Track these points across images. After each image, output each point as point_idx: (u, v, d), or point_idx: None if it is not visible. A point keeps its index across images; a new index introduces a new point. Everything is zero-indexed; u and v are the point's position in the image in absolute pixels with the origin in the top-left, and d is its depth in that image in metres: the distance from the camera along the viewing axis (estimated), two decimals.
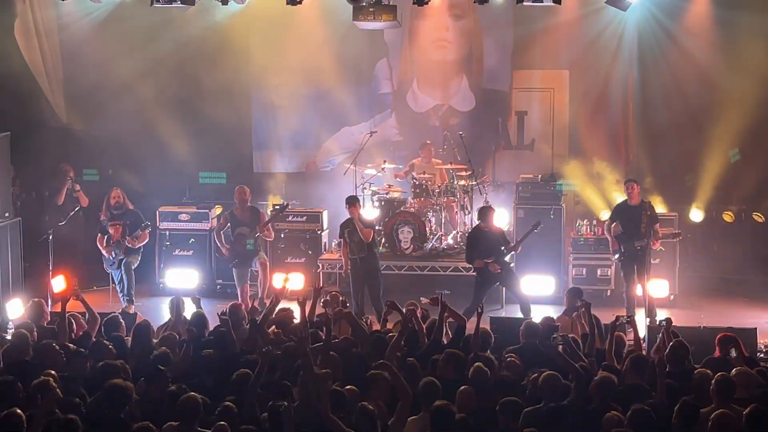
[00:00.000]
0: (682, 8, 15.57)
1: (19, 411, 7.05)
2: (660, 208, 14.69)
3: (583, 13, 15.81)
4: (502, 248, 13.00)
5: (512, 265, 13.77)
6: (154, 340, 9.76)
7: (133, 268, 14.01)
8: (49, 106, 16.20)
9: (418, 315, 10.05)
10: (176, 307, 10.59)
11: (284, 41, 16.39)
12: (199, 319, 10.21)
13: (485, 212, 13.22)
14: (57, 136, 16.11)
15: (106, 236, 14.00)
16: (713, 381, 7.85)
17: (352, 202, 13.57)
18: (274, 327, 9.97)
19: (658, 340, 9.68)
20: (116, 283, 14.07)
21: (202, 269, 15.32)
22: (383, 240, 14.94)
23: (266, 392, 7.89)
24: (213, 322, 10.50)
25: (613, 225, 13.53)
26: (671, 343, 9.07)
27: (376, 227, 14.42)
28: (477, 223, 13.51)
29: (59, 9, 15.72)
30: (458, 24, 16.57)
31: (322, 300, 11.32)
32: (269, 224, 14.26)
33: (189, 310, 10.85)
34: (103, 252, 14.04)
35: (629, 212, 13.36)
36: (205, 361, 8.94)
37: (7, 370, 8.61)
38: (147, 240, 14.26)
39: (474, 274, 13.34)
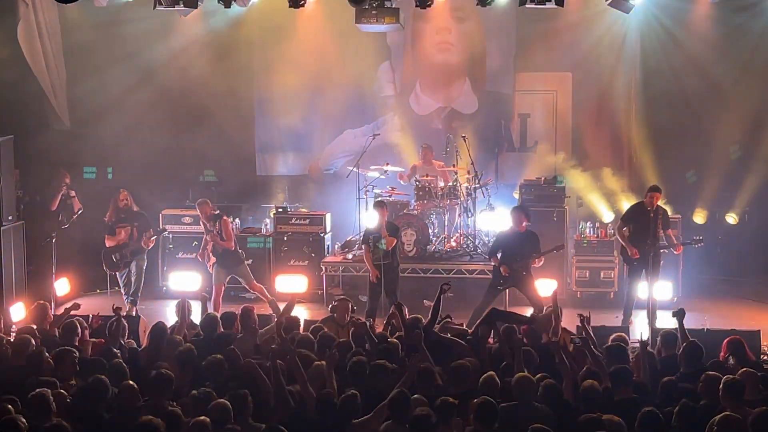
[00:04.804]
0: (684, 10, 15.56)
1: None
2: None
3: (586, 15, 15.78)
4: (518, 258, 12.87)
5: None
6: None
7: (144, 268, 14.01)
8: (52, 109, 16.21)
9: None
10: (182, 310, 10.58)
11: (287, 44, 16.40)
12: (210, 320, 10.25)
13: (512, 213, 13.07)
14: (60, 138, 16.12)
15: (113, 236, 13.98)
16: (722, 384, 7.84)
17: (382, 205, 13.44)
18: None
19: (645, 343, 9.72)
20: (122, 285, 14.05)
21: (205, 272, 15.31)
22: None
23: None
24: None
25: (624, 229, 13.32)
26: (684, 345, 9.06)
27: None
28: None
29: (62, 12, 15.74)
30: (461, 26, 16.57)
31: (330, 305, 11.25)
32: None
33: (196, 312, 10.92)
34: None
35: (644, 216, 13.12)
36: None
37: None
38: (154, 243, 14.27)
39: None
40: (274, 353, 8.33)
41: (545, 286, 14.21)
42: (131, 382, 8.05)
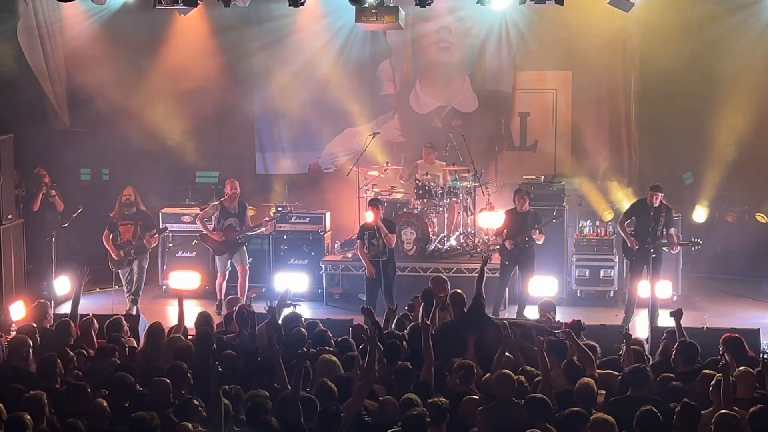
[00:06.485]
0: (684, 9, 15.54)
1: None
2: None
3: (586, 14, 15.75)
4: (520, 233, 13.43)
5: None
6: None
7: (145, 268, 14.01)
8: (52, 108, 16.22)
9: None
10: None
11: (287, 43, 16.40)
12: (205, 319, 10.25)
13: (515, 195, 13.79)
14: (59, 138, 16.12)
15: (113, 234, 13.94)
16: (712, 381, 7.87)
17: (375, 204, 13.56)
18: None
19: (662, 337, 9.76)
20: (124, 282, 14.03)
21: (204, 271, 15.33)
22: None
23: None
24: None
25: (627, 222, 13.45)
26: (678, 343, 9.06)
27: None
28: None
29: (62, 11, 15.74)
30: (461, 25, 16.56)
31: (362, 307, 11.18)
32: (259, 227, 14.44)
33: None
34: (110, 251, 13.93)
35: (647, 213, 13.21)
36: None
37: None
38: (157, 243, 14.27)
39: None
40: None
41: (545, 285, 14.27)
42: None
